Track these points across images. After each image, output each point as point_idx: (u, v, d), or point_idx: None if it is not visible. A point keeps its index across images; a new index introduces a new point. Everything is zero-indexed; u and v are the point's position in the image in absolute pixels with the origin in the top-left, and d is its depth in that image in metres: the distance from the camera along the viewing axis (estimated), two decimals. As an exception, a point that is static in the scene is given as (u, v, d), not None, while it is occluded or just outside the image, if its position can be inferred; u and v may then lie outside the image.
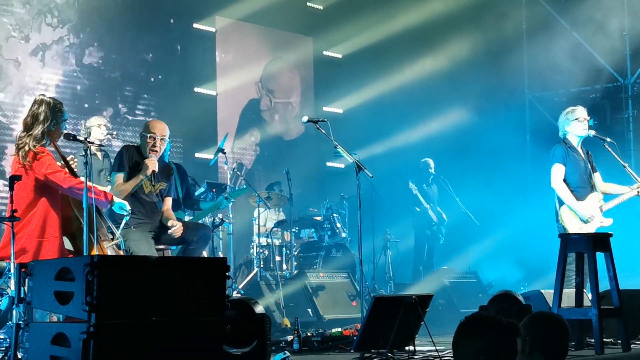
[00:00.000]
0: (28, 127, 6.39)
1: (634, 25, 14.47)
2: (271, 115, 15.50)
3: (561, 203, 8.55)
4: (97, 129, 9.63)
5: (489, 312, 6.64)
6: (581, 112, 8.80)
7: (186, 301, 4.91)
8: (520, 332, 4.32)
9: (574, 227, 8.42)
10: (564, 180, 8.58)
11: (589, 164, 8.74)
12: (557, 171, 8.60)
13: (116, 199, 6.76)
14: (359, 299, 10.09)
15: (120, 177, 7.69)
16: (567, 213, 8.53)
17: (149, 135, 7.77)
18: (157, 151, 7.80)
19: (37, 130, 6.35)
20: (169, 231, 7.67)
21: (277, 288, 10.38)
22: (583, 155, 8.74)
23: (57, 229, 6.32)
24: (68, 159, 6.68)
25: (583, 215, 8.47)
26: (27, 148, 6.28)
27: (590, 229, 8.40)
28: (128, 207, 6.85)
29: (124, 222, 7.11)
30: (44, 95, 6.61)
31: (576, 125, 8.73)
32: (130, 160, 7.76)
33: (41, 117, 6.38)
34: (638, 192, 8.58)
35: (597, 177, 8.79)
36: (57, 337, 4.67)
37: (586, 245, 7.05)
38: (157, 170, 7.71)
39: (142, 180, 7.66)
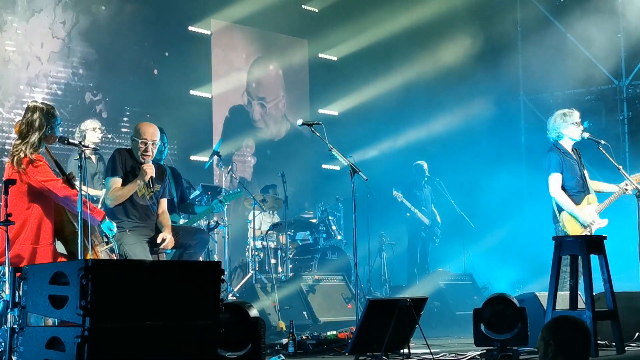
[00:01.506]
0: (23, 135, 6.36)
1: (628, 27, 14.49)
2: (263, 117, 15.49)
3: (560, 209, 8.57)
4: (92, 132, 9.63)
5: (483, 314, 6.64)
6: (577, 115, 8.81)
7: (180, 305, 4.91)
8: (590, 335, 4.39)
9: (576, 232, 8.43)
10: (563, 187, 8.61)
11: (581, 165, 8.78)
12: (555, 180, 8.59)
13: (106, 219, 6.77)
14: (354, 302, 10.10)
15: (115, 181, 7.66)
16: (569, 219, 8.54)
17: (140, 140, 7.75)
18: (149, 155, 7.79)
19: (34, 137, 6.32)
20: (161, 247, 7.65)
21: (273, 291, 10.39)
22: (576, 158, 8.77)
23: (50, 235, 6.32)
24: (70, 175, 6.67)
25: (584, 221, 8.48)
26: (22, 155, 6.25)
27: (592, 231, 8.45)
28: (115, 229, 6.86)
29: (109, 243, 7.11)
30: (36, 101, 6.59)
31: (574, 129, 8.72)
32: (124, 164, 7.74)
33: (37, 124, 6.35)
34: (625, 190, 8.62)
35: (586, 176, 8.84)
36: (52, 341, 4.68)
37: (580, 247, 7.05)
38: (154, 175, 7.72)
39: (140, 186, 7.67)
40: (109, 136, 10.74)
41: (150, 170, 7.65)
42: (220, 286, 5.09)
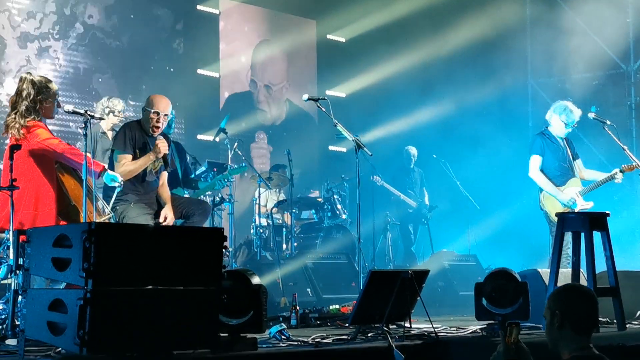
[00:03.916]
0: (14, 106, 6.44)
1: (637, 12, 14.45)
2: (267, 100, 15.49)
3: (541, 190, 8.88)
4: (115, 116, 9.54)
5: (485, 288, 6.66)
6: (576, 118, 9.07)
7: (183, 270, 4.93)
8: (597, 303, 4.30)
9: (556, 210, 8.62)
10: (545, 169, 9.00)
11: (568, 152, 9.03)
12: (534, 162, 9.10)
13: (108, 171, 6.80)
14: (358, 280, 10.12)
15: (126, 157, 7.60)
16: (548, 199, 8.85)
17: (152, 110, 7.71)
18: (160, 128, 7.78)
19: (22, 106, 6.38)
20: (163, 224, 7.64)
21: (277, 268, 10.42)
22: (563, 145, 9.03)
23: (52, 201, 6.35)
24: None
25: (563, 200, 8.75)
26: (17, 125, 6.31)
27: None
28: (120, 179, 6.88)
29: (115, 193, 7.13)
30: (29, 73, 6.63)
31: (562, 128, 9.06)
32: (132, 140, 7.71)
33: (24, 94, 6.43)
34: (614, 177, 8.88)
35: (578, 164, 9.11)
36: (55, 303, 4.69)
37: (583, 224, 7.09)
38: (167, 152, 7.69)
39: (152, 161, 7.64)
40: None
41: (164, 147, 7.61)
42: (222, 253, 5.12)
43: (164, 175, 7.96)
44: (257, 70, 15.33)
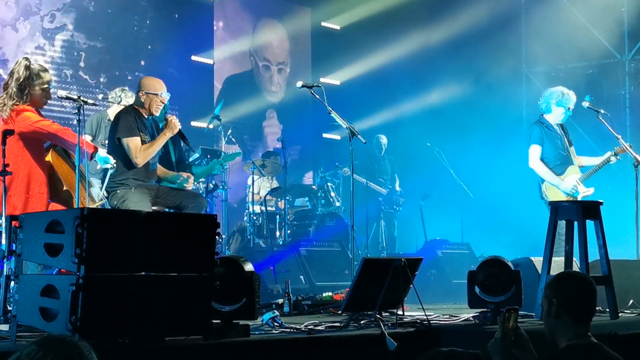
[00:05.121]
0: (5, 87, 6.43)
1: (632, 1, 14.44)
2: (264, 84, 15.46)
3: (542, 180, 8.87)
4: (123, 104, 9.50)
5: (478, 276, 6.66)
6: (573, 102, 9.07)
7: (176, 257, 4.93)
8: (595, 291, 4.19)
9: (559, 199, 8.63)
10: (544, 159, 8.97)
11: (565, 139, 9.02)
12: (534, 152, 9.04)
13: (101, 152, 6.79)
14: (350, 267, 10.12)
15: (137, 140, 7.60)
16: (550, 189, 8.83)
17: (158, 93, 7.76)
18: (161, 109, 7.86)
19: (10, 88, 6.37)
20: (180, 179, 7.90)
21: (270, 255, 10.42)
22: (560, 132, 9.02)
23: (43, 185, 6.34)
24: None
25: (565, 189, 8.73)
26: (7, 109, 6.30)
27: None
28: (112, 161, 6.87)
29: (108, 175, 7.12)
30: (27, 58, 6.61)
31: (561, 112, 9.04)
32: (136, 123, 7.72)
33: (15, 76, 6.42)
34: (609, 160, 8.87)
35: (572, 151, 9.10)
36: (47, 289, 4.68)
37: (576, 213, 7.10)
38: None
39: (168, 138, 7.74)
40: (109, 97, 10.70)
41: (177, 122, 7.71)
42: (215, 239, 5.11)
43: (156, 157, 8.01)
44: (259, 51, 15.30)
